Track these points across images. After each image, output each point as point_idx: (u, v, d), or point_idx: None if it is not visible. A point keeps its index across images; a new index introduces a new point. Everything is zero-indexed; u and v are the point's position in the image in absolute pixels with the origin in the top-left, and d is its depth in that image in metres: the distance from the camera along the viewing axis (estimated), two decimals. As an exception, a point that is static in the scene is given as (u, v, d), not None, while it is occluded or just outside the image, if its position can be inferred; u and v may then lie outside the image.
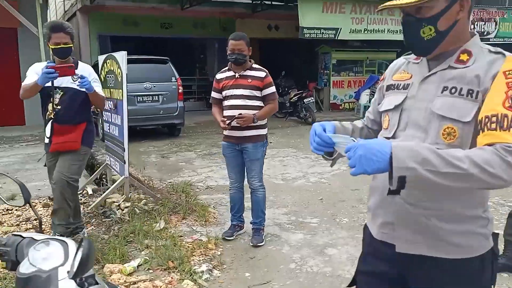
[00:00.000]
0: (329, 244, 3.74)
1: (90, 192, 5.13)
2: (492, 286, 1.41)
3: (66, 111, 3.39)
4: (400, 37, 12.25)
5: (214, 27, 14.54)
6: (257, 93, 3.59)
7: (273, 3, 13.04)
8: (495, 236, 1.41)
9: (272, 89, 3.66)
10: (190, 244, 3.69)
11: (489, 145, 1.19)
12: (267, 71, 3.67)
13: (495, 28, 13.09)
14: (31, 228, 4.04)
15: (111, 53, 4.78)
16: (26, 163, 7.02)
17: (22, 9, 9.57)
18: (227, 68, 3.73)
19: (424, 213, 1.35)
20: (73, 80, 3.34)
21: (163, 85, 9.03)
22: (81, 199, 4.80)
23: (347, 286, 1.60)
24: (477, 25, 12.96)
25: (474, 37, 1.38)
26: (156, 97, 9.01)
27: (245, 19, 14.49)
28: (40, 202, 4.81)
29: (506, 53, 1.31)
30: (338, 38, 12.06)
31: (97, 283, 1.09)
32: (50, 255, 1.15)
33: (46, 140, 3.51)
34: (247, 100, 3.56)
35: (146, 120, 8.77)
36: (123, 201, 4.50)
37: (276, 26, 15.40)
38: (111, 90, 4.81)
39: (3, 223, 4.17)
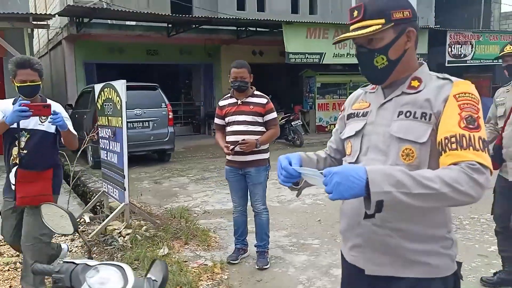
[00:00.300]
0: (334, 264, 3.80)
1: (87, 220, 5.09)
2: None
3: (32, 155, 3.01)
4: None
5: (199, 53, 14.74)
6: (259, 119, 3.69)
7: (258, 29, 13.34)
8: (459, 264, 1.45)
9: (274, 114, 3.77)
10: (196, 269, 3.71)
11: (454, 164, 1.25)
12: (268, 97, 3.79)
13: (472, 51, 13.63)
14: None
15: (109, 82, 4.84)
16: None
17: (7, 38, 9.57)
18: (229, 95, 3.84)
19: (390, 234, 1.39)
20: (41, 121, 3.01)
21: (153, 111, 9.09)
22: (79, 228, 4.77)
23: None
24: (454, 48, 13.48)
25: (422, 66, 1.48)
26: (147, 123, 9.04)
27: (230, 45, 14.75)
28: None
29: (453, 78, 1.40)
30: (323, 63, 12.38)
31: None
32: (107, 280, 1.20)
33: (13, 187, 3.06)
34: (249, 126, 3.66)
35: (137, 146, 8.76)
36: (124, 228, 4.49)
37: (260, 52, 15.70)
38: (109, 118, 4.86)
39: (2, 253, 4.12)
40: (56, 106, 3.07)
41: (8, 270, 3.80)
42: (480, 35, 14.00)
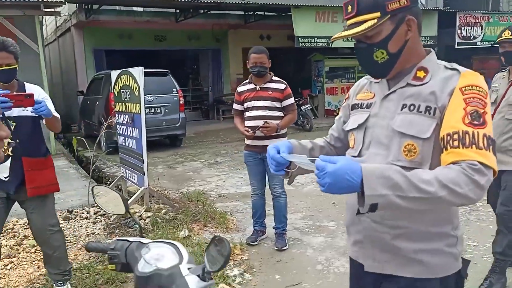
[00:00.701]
0: (350, 245, 3.90)
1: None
2: None
3: (27, 143, 2.83)
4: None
5: (207, 38, 14.72)
6: (277, 104, 3.76)
7: (266, 13, 13.29)
8: (466, 262, 1.40)
9: (291, 100, 3.84)
10: (217, 250, 3.82)
11: (454, 163, 1.19)
12: (286, 83, 3.85)
13: (481, 32, 13.51)
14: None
15: (126, 69, 4.92)
16: None
17: (17, 26, 9.59)
18: (247, 81, 3.90)
19: (389, 232, 1.36)
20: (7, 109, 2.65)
21: (164, 97, 9.17)
22: (99, 211, 4.90)
23: None
24: (464, 29, 13.36)
25: (429, 54, 1.39)
26: (159, 109, 9.13)
27: (237, 30, 14.71)
28: (60, 215, 4.89)
29: (462, 69, 1.32)
30: (332, 46, 12.33)
31: (211, 279, 1.23)
32: (162, 256, 1.29)
33: (4, 179, 2.83)
34: (268, 111, 3.73)
35: (150, 131, 8.79)
36: (144, 211, 4.61)
37: (268, 36, 15.64)
38: (127, 104, 4.95)
39: (27, 236, 4.25)
40: (35, 90, 2.84)
41: (35, 252, 3.94)
42: (490, 16, 13.85)
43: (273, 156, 1.37)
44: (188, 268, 1.22)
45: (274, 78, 3.85)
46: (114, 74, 5.22)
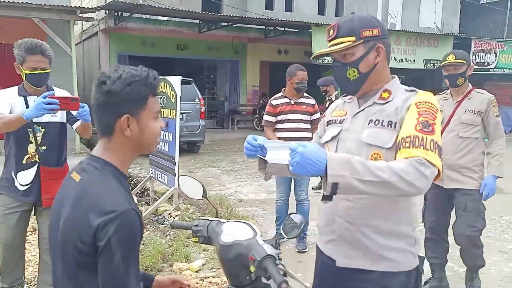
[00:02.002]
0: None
1: (135, 201, 5.58)
2: None
3: (52, 151, 2.78)
4: (405, 65, 12.88)
5: (227, 49, 15.20)
6: (308, 118, 4.13)
7: (286, 29, 13.72)
8: (421, 258, 1.64)
9: (319, 114, 4.19)
10: (243, 248, 4.15)
11: (405, 159, 1.39)
12: (314, 100, 4.23)
13: (495, 60, 13.84)
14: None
15: (163, 77, 5.30)
16: None
17: (50, 26, 9.93)
18: (281, 95, 4.26)
19: (360, 230, 1.56)
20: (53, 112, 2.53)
21: (187, 104, 9.54)
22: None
23: None
24: (478, 56, 13.70)
25: (393, 79, 1.65)
26: (181, 115, 9.48)
27: (256, 43, 15.18)
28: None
29: (419, 90, 1.59)
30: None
31: (280, 249, 1.57)
32: (239, 231, 1.63)
33: (21, 188, 2.73)
34: (301, 124, 4.10)
35: (172, 137, 9.24)
36: (173, 210, 4.95)
37: (285, 51, 16.11)
38: (161, 109, 5.33)
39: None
40: (65, 95, 2.74)
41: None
42: (505, 44, 14.19)
43: (247, 140, 1.59)
44: (263, 240, 1.57)
45: (305, 94, 4.21)
46: (151, 80, 5.59)
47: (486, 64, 13.85)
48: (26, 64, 2.60)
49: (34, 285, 3.29)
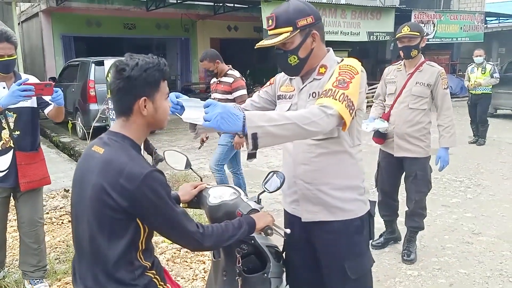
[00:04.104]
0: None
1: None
2: (371, 239, 1.94)
3: (25, 135, 2.85)
4: (351, 38, 13.30)
5: (176, 27, 15.01)
6: (228, 96, 4.31)
7: (235, 5, 13.73)
8: (372, 203, 1.91)
9: (242, 91, 4.31)
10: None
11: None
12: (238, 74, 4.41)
13: (433, 30, 14.60)
14: (65, 215, 4.52)
15: (120, 59, 5.30)
16: None
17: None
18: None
19: (318, 188, 1.79)
20: (29, 98, 2.62)
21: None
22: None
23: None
24: (418, 27, 14.36)
25: (328, 53, 1.82)
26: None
27: (206, 20, 15.08)
28: (58, 194, 5.26)
29: (345, 58, 1.79)
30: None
31: (259, 203, 1.79)
32: (224, 193, 1.85)
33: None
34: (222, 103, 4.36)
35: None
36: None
37: (235, 27, 16.12)
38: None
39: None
40: (33, 80, 2.82)
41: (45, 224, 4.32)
42: (442, 14, 14.95)
43: (170, 97, 1.68)
44: (246, 198, 1.80)
45: (230, 71, 4.33)
46: (108, 62, 5.58)
47: (425, 34, 14.55)
48: None
49: (12, 268, 3.35)
